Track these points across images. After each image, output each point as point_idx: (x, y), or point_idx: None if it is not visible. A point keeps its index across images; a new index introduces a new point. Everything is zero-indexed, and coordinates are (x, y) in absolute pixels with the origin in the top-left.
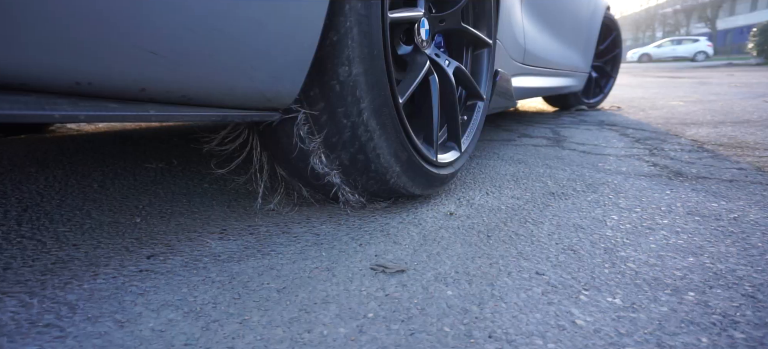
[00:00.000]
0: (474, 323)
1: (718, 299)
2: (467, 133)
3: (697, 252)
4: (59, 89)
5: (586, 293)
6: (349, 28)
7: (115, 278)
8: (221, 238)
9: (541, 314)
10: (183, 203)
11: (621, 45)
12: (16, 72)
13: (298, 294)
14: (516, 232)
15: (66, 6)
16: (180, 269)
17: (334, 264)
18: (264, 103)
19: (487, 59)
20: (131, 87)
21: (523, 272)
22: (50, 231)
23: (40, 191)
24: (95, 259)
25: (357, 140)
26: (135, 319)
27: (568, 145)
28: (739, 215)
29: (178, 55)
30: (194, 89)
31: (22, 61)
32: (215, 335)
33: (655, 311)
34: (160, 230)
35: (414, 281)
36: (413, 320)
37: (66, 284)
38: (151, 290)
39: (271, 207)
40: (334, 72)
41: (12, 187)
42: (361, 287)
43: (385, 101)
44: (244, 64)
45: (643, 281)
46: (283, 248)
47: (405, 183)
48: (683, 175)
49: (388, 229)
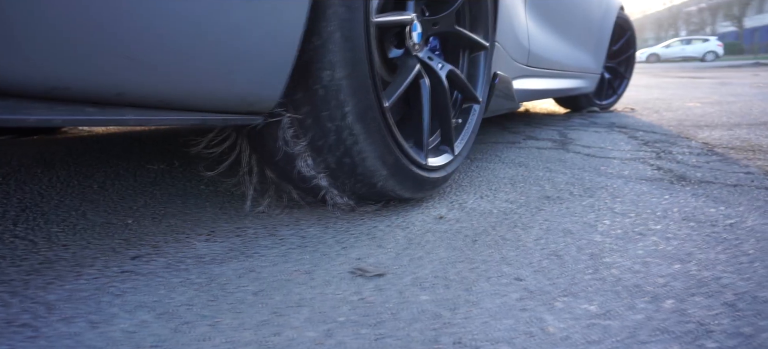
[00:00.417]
0: (443, 328)
1: (697, 307)
2: (461, 136)
3: (684, 259)
4: (35, 93)
5: (562, 300)
6: (331, 33)
7: (97, 278)
8: (208, 240)
9: (512, 320)
10: (177, 204)
11: (635, 46)
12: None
13: (274, 297)
14: (503, 236)
15: (40, 11)
16: (162, 270)
17: (315, 267)
18: (245, 107)
19: (484, 62)
20: (108, 91)
21: (502, 277)
22: (43, 231)
23: (41, 191)
24: (81, 259)
25: (342, 144)
26: (109, 320)
27: (574, 148)
28: (735, 222)
29: (154, 60)
30: (173, 93)
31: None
32: (183, 337)
33: (629, 319)
34: (150, 231)
35: (391, 285)
36: (383, 324)
37: (49, 284)
38: (130, 291)
39: (261, 209)
40: (317, 76)
41: (16, 187)
42: (338, 290)
43: (370, 105)
44: (223, 69)
45: (623, 287)
46: (266, 251)
47: (393, 186)
48: (686, 179)
49: (375, 232)
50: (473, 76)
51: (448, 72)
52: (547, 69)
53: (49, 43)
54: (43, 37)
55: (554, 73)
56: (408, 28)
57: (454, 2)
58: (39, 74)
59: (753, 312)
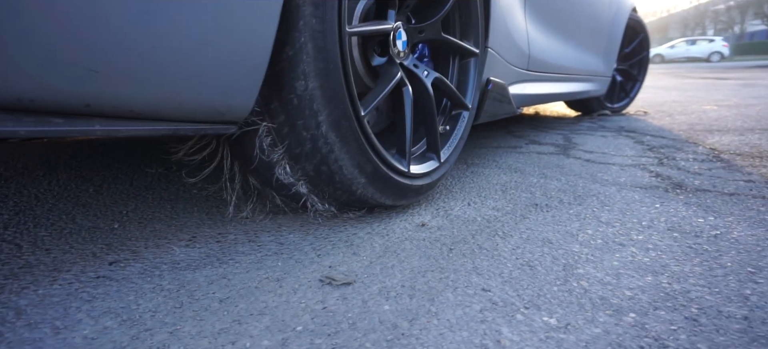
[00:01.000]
0: (398, 339)
1: (658, 321)
2: (449, 143)
3: (658, 271)
4: (2, 106)
5: (524, 312)
6: (303, 44)
7: (71, 283)
8: (188, 245)
9: (468, 332)
10: (166, 209)
11: (649, 48)
12: None
13: (239, 304)
14: (480, 245)
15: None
16: (136, 276)
17: (286, 275)
18: (217, 117)
19: (474, 68)
20: (75, 103)
21: (469, 287)
22: (31, 235)
23: (38, 194)
24: (60, 264)
25: (318, 152)
26: (73, 326)
27: (575, 153)
28: (721, 233)
29: (119, 72)
30: (141, 104)
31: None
32: (141, 345)
33: (586, 333)
34: (133, 235)
35: (357, 294)
36: (340, 334)
37: (23, 288)
38: (101, 297)
39: (245, 215)
40: (291, 86)
41: (15, 190)
42: (303, 299)
43: (345, 114)
44: (191, 80)
45: (588, 300)
46: (242, 257)
47: (373, 194)
48: (683, 187)
49: (353, 239)
50: (463, 83)
51: (433, 80)
52: (551, 73)
53: (11, 56)
54: (4, 49)
55: (559, 77)
56: (392, 36)
57: (440, 10)
58: (2, 86)
59: (714, 327)
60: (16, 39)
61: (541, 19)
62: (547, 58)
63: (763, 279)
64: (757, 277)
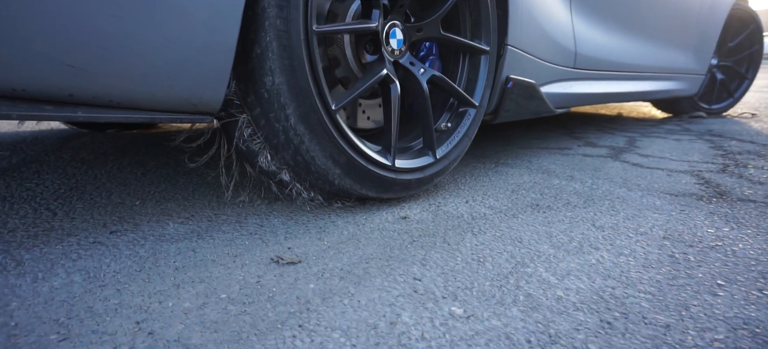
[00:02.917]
0: (300, 313)
1: (568, 321)
2: (449, 140)
3: (613, 276)
4: (1, 94)
5: (437, 301)
6: (269, 43)
7: (71, 245)
8: (182, 222)
9: (369, 313)
10: (186, 192)
11: (761, 41)
12: None
13: (188, 273)
14: (445, 240)
15: None
16: (123, 244)
17: (246, 252)
18: (191, 108)
19: (485, 66)
20: (60, 93)
21: (403, 276)
22: (68, 206)
23: (96, 174)
24: (73, 230)
25: (291, 143)
26: (49, 278)
27: (628, 157)
28: (722, 244)
29: (94, 68)
30: (118, 95)
31: None
32: (90, 296)
33: (483, 324)
34: (145, 211)
35: (295, 272)
36: (254, 304)
37: (34, 245)
38: (84, 258)
39: (242, 199)
40: (261, 81)
41: (82, 170)
42: (246, 273)
43: (312, 108)
44: (161, 75)
45: (511, 296)
46: (220, 235)
47: (351, 185)
48: (725, 196)
49: (328, 226)
50: (472, 81)
51: (430, 77)
52: (609, 71)
53: (5, 53)
54: (2, 48)
55: (622, 76)
56: (384, 34)
57: (439, 9)
58: (7, 79)
59: (622, 332)
60: (10, 40)
61: (595, 13)
62: (603, 56)
63: (724, 292)
64: (721, 290)
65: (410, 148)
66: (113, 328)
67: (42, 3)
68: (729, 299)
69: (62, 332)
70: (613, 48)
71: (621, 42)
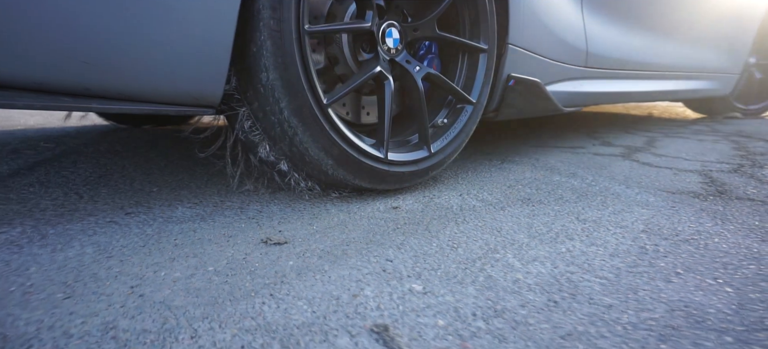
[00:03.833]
0: (274, 285)
1: (517, 300)
2: (445, 135)
3: (579, 264)
4: (26, 86)
5: (402, 279)
6: (263, 41)
7: (90, 224)
8: (190, 207)
9: (335, 287)
10: (200, 180)
11: None
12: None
13: (184, 249)
14: (427, 228)
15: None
16: (135, 223)
17: (240, 233)
18: (193, 101)
19: (484, 65)
20: (77, 86)
21: (376, 257)
22: (94, 191)
23: (125, 164)
24: (94, 211)
25: (286, 135)
26: (65, 250)
27: (640, 156)
28: (697, 238)
29: (105, 64)
30: (127, 89)
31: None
32: (98, 266)
33: (437, 299)
34: (160, 196)
35: (280, 251)
36: (235, 276)
37: (58, 223)
38: (100, 234)
39: (248, 188)
40: (257, 77)
41: (114, 161)
42: (235, 251)
43: (304, 102)
44: (164, 71)
45: (472, 278)
46: (221, 218)
47: (345, 175)
48: (724, 194)
49: (321, 213)
50: (471, 78)
51: (425, 74)
52: (626, 70)
53: (33, 51)
54: (25, 48)
55: (640, 75)
56: (380, 34)
57: (435, 9)
58: (26, 73)
59: (564, 308)
60: (33, 40)
61: (610, 12)
62: (618, 55)
63: (679, 280)
64: (677, 278)
65: (408, 142)
66: (111, 290)
67: (63, 7)
68: (680, 286)
69: (68, 291)
70: (630, 47)
71: (639, 41)
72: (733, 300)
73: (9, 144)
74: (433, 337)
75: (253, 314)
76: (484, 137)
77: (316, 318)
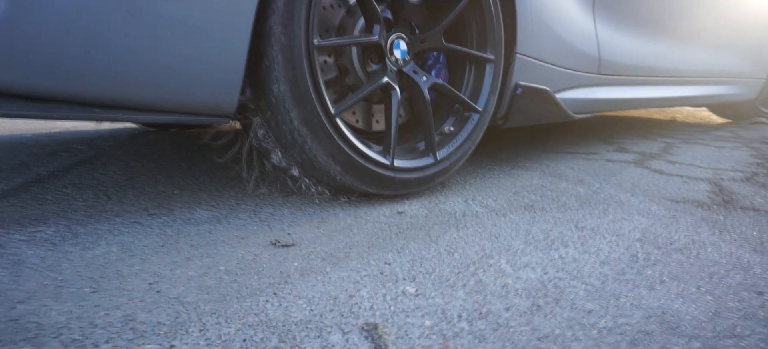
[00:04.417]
0: (279, 284)
1: (502, 304)
2: (451, 143)
3: (568, 270)
4: (63, 99)
5: (397, 281)
6: (275, 56)
7: (116, 224)
8: (208, 209)
9: (334, 288)
10: (220, 183)
11: None
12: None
13: (200, 249)
14: (429, 233)
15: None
16: (157, 224)
17: (251, 235)
18: (210, 111)
19: (490, 74)
20: (106, 99)
21: (376, 260)
22: (122, 193)
23: (151, 167)
24: (120, 212)
25: (296, 143)
26: (93, 248)
27: (653, 163)
28: (690, 248)
29: (132, 79)
30: (151, 101)
31: (55, 87)
32: (122, 263)
33: (428, 301)
34: (181, 198)
35: (287, 253)
36: (244, 275)
37: (88, 223)
38: (124, 234)
39: (262, 191)
40: (269, 88)
41: (142, 164)
42: (246, 252)
43: (313, 112)
44: (184, 84)
45: (463, 282)
46: (235, 220)
47: (352, 181)
48: (730, 204)
49: (329, 217)
50: (478, 87)
51: (432, 84)
52: (641, 76)
53: (67, 69)
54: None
55: (658, 81)
56: (387, 46)
57: (441, 21)
58: (63, 87)
59: (545, 312)
60: (70, 58)
61: (624, 19)
62: (632, 61)
63: (662, 288)
64: (661, 286)
65: (416, 149)
66: (131, 286)
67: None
68: (662, 294)
69: (94, 286)
70: (646, 53)
71: (656, 47)
72: (711, 308)
73: (48, 146)
74: (418, 336)
75: (256, 310)
76: (497, 142)
77: (314, 316)
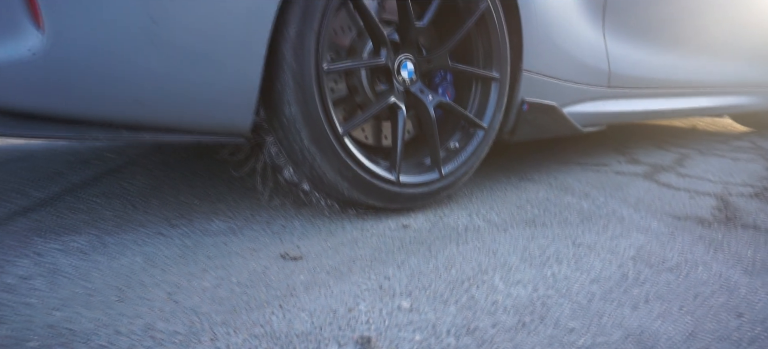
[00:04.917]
0: (284, 297)
1: (489, 320)
2: (456, 159)
3: (558, 288)
4: (95, 122)
5: (394, 297)
6: (286, 80)
7: (140, 234)
8: (224, 220)
9: (335, 301)
10: (237, 194)
11: None
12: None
13: (215, 261)
14: (430, 248)
15: (93, 83)
16: (177, 235)
17: (263, 247)
18: (227, 131)
19: (495, 92)
20: (132, 121)
21: (377, 274)
22: (147, 203)
23: (175, 177)
24: (145, 222)
25: (306, 160)
26: (119, 257)
27: (662, 176)
28: (681, 267)
29: (156, 103)
30: (173, 123)
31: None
32: (144, 273)
33: (421, 317)
34: (200, 209)
35: (294, 265)
36: (253, 287)
37: (115, 233)
38: (148, 244)
39: (276, 204)
40: (281, 110)
41: (166, 173)
42: (257, 264)
43: (322, 132)
44: (203, 108)
45: (455, 298)
46: (249, 232)
47: (359, 196)
48: (733, 221)
49: (336, 230)
50: (483, 105)
51: (438, 103)
52: (653, 88)
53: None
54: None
55: (671, 93)
56: (395, 67)
57: (448, 42)
58: (95, 111)
59: (529, 329)
60: (101, 85)
61: (634, 32)
62: (644, 73)
63: (646, 308)
64: (645, 305)
65: (423, 164)
66: (152, 296)
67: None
68: (644, 313)
69: (120, 295)
70: (658, 65)
71: (669, 58)
72: (688, 329)
73: (81, 154)
74: None
75: (262, 322)
76: (508, 152)
77: (314, 328)
